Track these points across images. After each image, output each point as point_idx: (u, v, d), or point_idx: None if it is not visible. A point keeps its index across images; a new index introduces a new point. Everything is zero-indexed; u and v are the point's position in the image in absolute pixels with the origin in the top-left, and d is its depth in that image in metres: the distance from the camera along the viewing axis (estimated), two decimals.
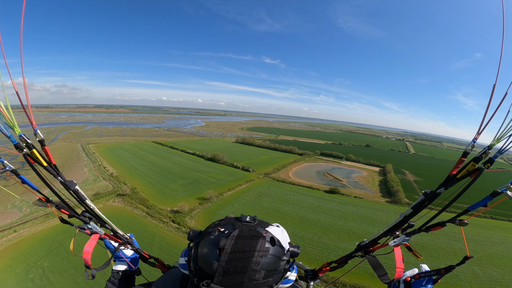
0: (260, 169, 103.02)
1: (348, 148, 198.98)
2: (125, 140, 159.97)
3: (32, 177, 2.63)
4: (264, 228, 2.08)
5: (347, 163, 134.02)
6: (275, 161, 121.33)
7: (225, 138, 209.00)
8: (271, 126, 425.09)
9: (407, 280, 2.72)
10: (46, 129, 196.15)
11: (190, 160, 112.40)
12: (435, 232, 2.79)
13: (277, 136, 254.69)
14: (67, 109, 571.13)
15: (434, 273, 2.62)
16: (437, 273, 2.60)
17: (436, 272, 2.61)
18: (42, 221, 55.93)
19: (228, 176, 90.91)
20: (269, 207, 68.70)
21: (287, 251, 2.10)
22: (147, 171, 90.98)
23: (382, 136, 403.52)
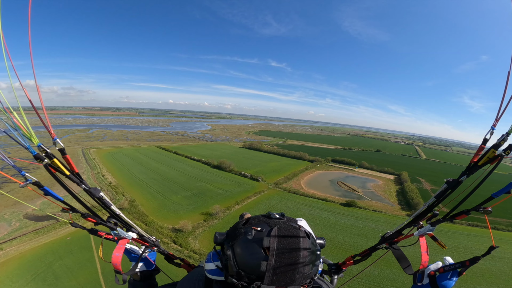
0: (269, 178, 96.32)
1: (358, 153, 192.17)
2: (128, 145, 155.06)
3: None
4: (296, 223, 2.08)
5: (360, 170, 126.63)
6: (285, 169, 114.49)
7: (231, 143, 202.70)
8: (278, 130, 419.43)
9: (431, 274, 2.66)
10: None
11: (195, 168, 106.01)
12: None
13: (285, 141, 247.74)
14: (73, 111, 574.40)
15: (458, 266, 2.56)
16: (462, 266, 2.54)
17: (461, 265, 2.55)
18: (31, 238, 50.99)
19: (235, 187, 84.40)
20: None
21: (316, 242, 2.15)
22: (148, 180, 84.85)
23: (390, 140, 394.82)
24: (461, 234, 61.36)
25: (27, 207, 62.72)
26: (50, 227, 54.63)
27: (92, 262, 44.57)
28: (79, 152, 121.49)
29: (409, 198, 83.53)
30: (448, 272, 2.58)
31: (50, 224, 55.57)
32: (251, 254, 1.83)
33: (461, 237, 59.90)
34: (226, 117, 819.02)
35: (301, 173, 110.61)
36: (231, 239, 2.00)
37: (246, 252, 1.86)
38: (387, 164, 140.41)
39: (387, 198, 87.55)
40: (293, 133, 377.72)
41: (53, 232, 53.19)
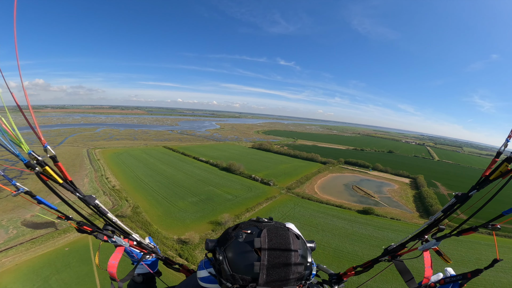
0: (281, 182, 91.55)
1: (371, 154, 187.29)
2: (134, 145, 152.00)
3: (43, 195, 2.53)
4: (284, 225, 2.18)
5: (374, 173, 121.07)
6: (297, 171, 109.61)
7: (240, 143, 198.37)
8: (287, 129, 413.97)
9: (432, 286, 2.72)
10: (56, 131, 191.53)
11: (203, 170, 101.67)
12: None
13: (295, 141, 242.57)
14: (82, 110, 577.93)
15: (460, 278, 2.59)
16: (463, 278, 2.58)
17: (462, 277, 2.59)
18: (27, 248, 47.63)
19: (245, 191, 79.88)
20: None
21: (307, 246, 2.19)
22: (154, 184, 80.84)
23: (401, 141, 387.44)
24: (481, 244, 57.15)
25: (26, 212, 59.57)
26: (48, 236, 51.30)
27: (91, 277, 41.08)
28: (84, 153, 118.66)
29: (428, 205, 78.63)
30: (449, 284, 2.62)
31: (48, 232, 52.37)
32: (243, 256, 1.89)
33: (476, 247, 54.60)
34: (234, 116, 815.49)
35: (314, 176, 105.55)
36: (222, 244, 2.04)
37: (238, 254, 1.92)
38: (401, 166, 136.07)
39: (405, 204, 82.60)
40: (303, 132, 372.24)
41: (50, 242, 49.82)
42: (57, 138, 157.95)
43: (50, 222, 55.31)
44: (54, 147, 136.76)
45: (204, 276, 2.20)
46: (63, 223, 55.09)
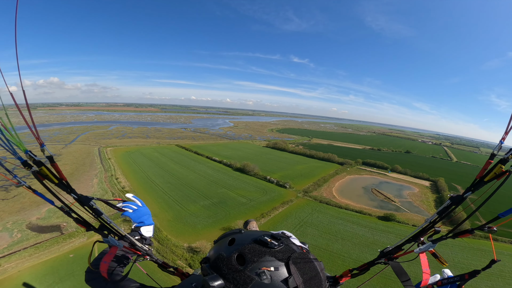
0: (297, 184, 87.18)
1: (388, 154, 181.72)
2: (147, 143, 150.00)
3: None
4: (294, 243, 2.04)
5: (393, 175, 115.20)
6: (314, 173, 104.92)
7: (254, 141, 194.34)
8: (302, 127, 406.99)
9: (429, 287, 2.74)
10: (69, 129, 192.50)
11: (216, 170, 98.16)
12: None
13: (310, 140, 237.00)
14: (96, 107, 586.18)
15: (457, 279, 2.62)
16: (461, 279, 2.61)
17: (459, 278, 2.62)
18: (31, 254, 45.07)
19: (260, 194, 75.90)
20: (315, 244, 52.56)
21: None
22: (165, 185, 77.79)
23: (417, 140, 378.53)
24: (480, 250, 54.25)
25: (32, 215, 57.80)
26: (52, 240, 48.58)
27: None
28: (95, 151, 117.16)
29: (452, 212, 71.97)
30: (446, 285, 2.64)
31: (53, 237, 49.73)
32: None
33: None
34: (248, 114, 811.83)
35: (332, 178, 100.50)
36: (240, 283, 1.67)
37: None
38: (419, 167, 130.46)
39: (426, 210, 77.32)
40: (318, 131, 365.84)
41: (55, 247, 47.09)
42: (69, 136, 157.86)
43: (56, 225, 53.55)
44: (65, 145, 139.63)
45: None
46: (68, 227, 52.16)
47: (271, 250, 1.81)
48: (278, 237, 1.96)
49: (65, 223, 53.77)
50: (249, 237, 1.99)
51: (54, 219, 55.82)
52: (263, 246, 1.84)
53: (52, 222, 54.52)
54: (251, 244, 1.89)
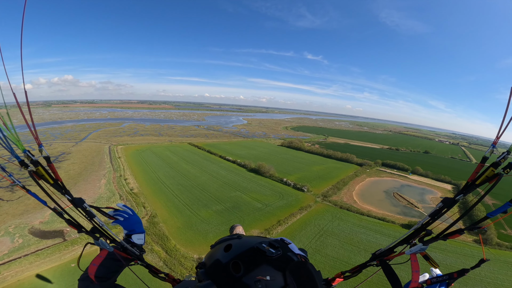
0: (315, 187, 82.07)
1: (406, 155, 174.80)
2: (159, 141, 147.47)
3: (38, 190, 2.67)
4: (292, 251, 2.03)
5: (414, 177, 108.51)
6: (332, 174, 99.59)
7: (269, 139, 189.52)
8: (316, 125, 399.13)
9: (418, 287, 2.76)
10: (81, 126, 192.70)
11: (229, 171, 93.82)
12: None
13: (326, 138, 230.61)
14: (110, 104, 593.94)
15: (446, 278, 2.68)
16: (450, 278, 2.66)
17: (448, 277, 2.68)
18: (31, 262, 42.76)
19: (276, 198, 71.14)
20: (335, 256, 47.76)
21: None
22: (176, 187, 73.98)
23: (434, 139, 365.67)
24: None
25: (35, 218, 55.44)
26: (54, 248, 45.92)
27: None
28: (105, 150, 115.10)
29: (476, 218, 65.92)
30: (436, 284, 2.70)
31: (55, 244, 47.04)
32: None
33: None
34: (261, 111, 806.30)
35: (351, 180, 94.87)
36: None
37: None
38: (440, 169, 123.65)
39: (450, 217, 70.29)
40: (333, 129, 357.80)
41: (56, 255, 44.48)
42: (81, 134, 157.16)
43: (59, 230, 51.00)
44: (76, 143, 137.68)
45: None
46: (71, 233, 49.80)
47: (269, 258, 1.81)
48: (276, 245, 1.94)
49: (68, 229, 51.01)
50: (246, 244, 1.98)
51: (58, 223, 53.04)
52: (261, 254, 1.84)
53: (55, 227, 51.95)
54: (248, 251, 1.90)
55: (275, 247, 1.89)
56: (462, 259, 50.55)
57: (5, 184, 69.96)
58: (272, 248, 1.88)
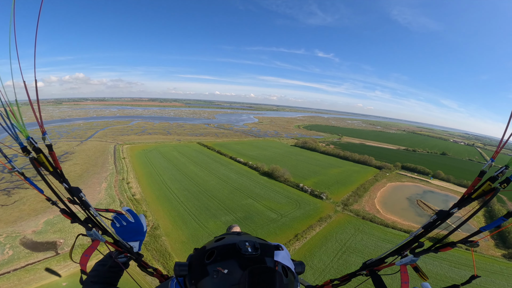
0: (334, 194, 75.45)
1: (424, 157, 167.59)
2: (167, 140, 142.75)
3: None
4: (271, 257, 1.97)
5: (436, 182, 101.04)
6: (351, 179, 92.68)
7: (281, 139, 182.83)
8: (329, 124, 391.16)
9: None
10: (89, 124, 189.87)
11: (241, 174, 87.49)
12: None
13: (340, 138, 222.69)
14: (121, 102, 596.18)
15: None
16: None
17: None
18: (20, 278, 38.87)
19: (293, 207, 64.56)
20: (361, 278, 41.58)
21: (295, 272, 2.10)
22: (181, 193, 68.16)
23: (449, 140, 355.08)
24: None
25: (28, 226, 51.13)
26: (45, 262, 41.49)
27: None
28: (110, 149, 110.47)
29: (505, 231, 59.08)
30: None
31: (47, 257, 42.52)
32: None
33: None
34: (272, 109, 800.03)
35: (371, 186, 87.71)
36: (194, 275, 1.87)
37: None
38: (460, 172, 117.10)
39: (476, 228, 63.02)
40: (346, 128, 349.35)
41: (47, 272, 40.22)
42: (87, 132, 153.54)
43: (51, 242, 46.64)
44: (81, 142, 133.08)
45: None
46: (65, 245, 45.61)
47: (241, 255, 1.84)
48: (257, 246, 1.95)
49: (62, 240, 47.07)
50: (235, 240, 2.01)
51: (51, 233, 48.87)
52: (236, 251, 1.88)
53: (48, 238, 47.74)
54: (229, 245, 1.95)
55: (256, 249, 1.92)
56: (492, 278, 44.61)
57: (2, 186, 66.28)
58: (252, 249, 1.91)
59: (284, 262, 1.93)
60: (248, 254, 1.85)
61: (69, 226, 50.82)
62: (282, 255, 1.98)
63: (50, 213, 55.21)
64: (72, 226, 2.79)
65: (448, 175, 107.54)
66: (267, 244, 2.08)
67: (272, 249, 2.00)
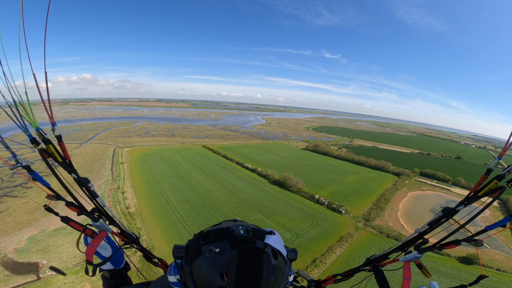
0: (354, 206, 66.93)
1: (439, 161, 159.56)
2: (170, 143, 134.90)
3: None
4: (262, 240, 2.03)
5: (457, 190, 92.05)
6: (369, 188, 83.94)
7: (290, 142, 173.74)
8: (338, 125, 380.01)
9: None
10: (92, 125, 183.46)
11: (249, 183, 78.51)
12: None
13: (352, 141, 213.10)
14: (128, 102, 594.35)
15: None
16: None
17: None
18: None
19: (309, 224, 55.93)
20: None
21: (287, 257, 2.12)
22: (182, 205, 59.81)
23: (460, 142, 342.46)
24: None
25: (11, 243, 45.43)
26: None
27: None
28: (109, 152, 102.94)
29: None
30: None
31: (27, 282, 36.54)
32: (208, 278, 1.79)
33: None
34: (279, 110, 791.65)
35: (392, 195, 78.69)
36: (190, 255, 1.99)
37: (203, 275, 1.83)
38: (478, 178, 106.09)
39: (506, 244, 56.22)
40: (356, 130, 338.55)
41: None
42: (89, 134, 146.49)
43: (33, 263, 40.58)
44: (80, 144, 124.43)
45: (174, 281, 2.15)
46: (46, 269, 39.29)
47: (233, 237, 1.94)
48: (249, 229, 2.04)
49: (44, 262, 40.81)
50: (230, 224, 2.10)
51: (33, 253, 42.71)
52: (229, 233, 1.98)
53: (30, 258, 41.79)
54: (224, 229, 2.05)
55: (247, 231, 2.01)
56: None
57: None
58: (245, 231, 2.00)
59: (275, 245, 1.99)
60: (240, 236, 1.94)
61: (54, 244, 44.71)
62: (273, 239, 2.03)
63: (35, 227, 49.11)
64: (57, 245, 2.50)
65: (469, 182, 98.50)
66: (259, 229, 2.14)
67: (263, 233, 2.07)
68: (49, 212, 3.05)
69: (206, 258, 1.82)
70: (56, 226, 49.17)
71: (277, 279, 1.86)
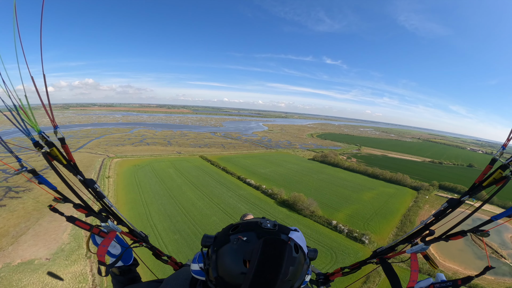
0: (376, 231, 56.31)
1: (452, 170, 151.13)
2: (165, 152, 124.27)
3: None
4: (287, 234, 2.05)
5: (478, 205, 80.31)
6: (389, 206, 72.94)
7: (296, 151, 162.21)
8: (341, 131, 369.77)
9: None
10: (86, 131, 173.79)
11: (252, 205, 67.04)
12: None
13: (359, 149, 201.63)
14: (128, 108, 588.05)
15: (450, 284, 2.60)
16: (453, 285, 2.59)
17: (452, 283, 2.60)
18: None
19: (326, 261, 44.89)
20: None
21: (307, 255, 2.15)
22: (171, 237, 48.73)
23: (465, 148, 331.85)
24: None
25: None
26: None
27: None
28: (97, 164, 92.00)
29: None
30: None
31: None
32: (231, 264, 1.85)
33: None
34: (280, 116, 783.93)
35: (415, 216, 67.45)
36: (217, 243, 2.04)
37: (227, 260, 1.88)
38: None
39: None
40: (362, 137, 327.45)
41: None
42: (80, 141, 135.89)
43: None
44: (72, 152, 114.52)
45: (196, 269, 2.24)
46: None
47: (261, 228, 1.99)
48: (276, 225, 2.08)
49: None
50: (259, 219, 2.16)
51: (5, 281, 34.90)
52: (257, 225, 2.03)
53: None
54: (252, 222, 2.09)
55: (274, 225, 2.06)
56: None
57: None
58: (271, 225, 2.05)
59: (298, 241, 2.01)
60: (266, 228, 1.99)
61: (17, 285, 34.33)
62: (297, 235, 2.06)
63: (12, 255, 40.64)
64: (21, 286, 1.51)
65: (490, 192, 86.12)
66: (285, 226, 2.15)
67: (288, 229, 2.08)
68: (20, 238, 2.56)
69: (233, 245, 1.89)
70: (22, 259, 39.82)
71: (296, 272, 1.89)
